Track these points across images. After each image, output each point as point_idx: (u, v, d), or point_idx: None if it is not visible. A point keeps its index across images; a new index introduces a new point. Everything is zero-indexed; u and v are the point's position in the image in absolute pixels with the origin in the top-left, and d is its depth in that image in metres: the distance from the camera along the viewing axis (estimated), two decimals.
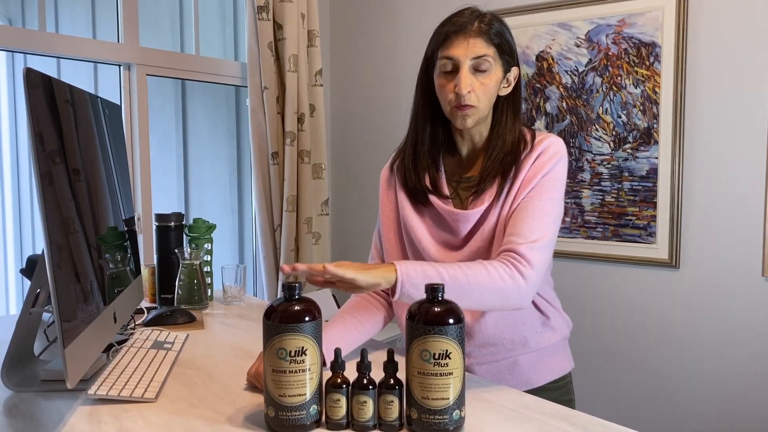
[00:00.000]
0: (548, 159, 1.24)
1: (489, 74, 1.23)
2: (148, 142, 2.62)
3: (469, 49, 1.21)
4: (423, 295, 1.05)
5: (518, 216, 1.20)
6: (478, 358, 1.30)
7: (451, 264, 1.13)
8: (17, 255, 3.43)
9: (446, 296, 1.09)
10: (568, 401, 1.35)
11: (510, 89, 1.29)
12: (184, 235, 1.92)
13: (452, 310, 0.96)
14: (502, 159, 1.26)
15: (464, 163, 1.34)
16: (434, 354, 0.94)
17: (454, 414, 0.96)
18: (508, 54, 1.26)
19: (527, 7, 2.53)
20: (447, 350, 0.94)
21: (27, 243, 3.42)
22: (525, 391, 1.24)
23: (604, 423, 1.02)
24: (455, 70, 1.22)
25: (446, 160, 1.35)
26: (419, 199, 1.32)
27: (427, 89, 1.31)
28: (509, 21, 2.61)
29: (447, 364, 0.94)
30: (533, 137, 1.28)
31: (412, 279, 1.08)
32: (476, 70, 1.22)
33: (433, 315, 0.95)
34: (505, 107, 1.29)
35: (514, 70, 1.29)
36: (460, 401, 0.96)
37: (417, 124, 1.33)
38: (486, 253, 1.26)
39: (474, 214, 1.26)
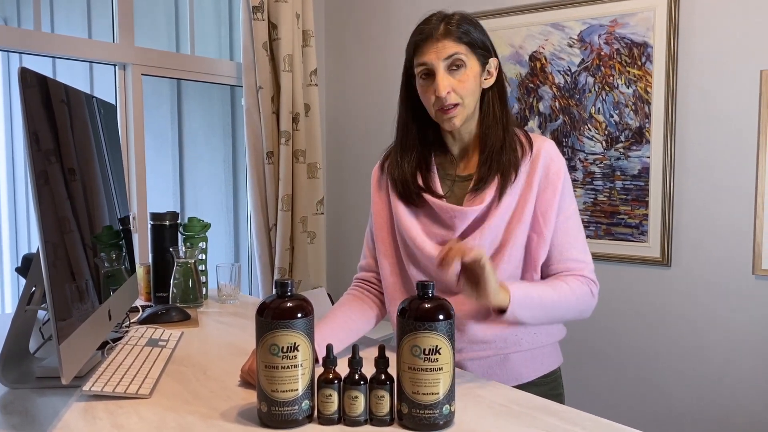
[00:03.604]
0: (557, 171, 1.28)
1: (465, 70, 1.24)
2: (144, 141, 2.63)
3: (439, 52, 1.23)
4: (531, 318, 1.23)
5: (565, 240, 1.29)
6: (470, 353, 1.31)
7: (546, 285, 1.25)
8: (12, 253, 3.43)
9: (540, 312, 1.23)
10: (557, 395, 1.37)
11: (493, 80, 1.30)
12: (179, 234, 1.93)
13: (442, 306, 0.97)
14: (499, 158, 1.27)
15: (457, 161, 1.35)
16: (424, 349, 0.96)
17: (444, 409, 0.97)
18: (480, 47, 1.26)
19: (520, 8, 2.54)
20: (437, 346, 0.96)
21: (22, 241, 3.43)
22: (515, 386, 1.26)
23: (594, 418, 1.04)
24: (432, 74, 1.24)
25: (438, 159, 1.36)
26: (413, 199, 1.33)
27: (411, 95, 1.33)
28: (502, 21, 2.63)
29: (437, 360, 0.96)
30: (529, 140, 1.30)
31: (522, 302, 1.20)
32: (451, 69, 1.23)
33: (424, 311, 0.96)
34: (491, 99, 1.31)
35: (493, 61, 1.29)
36: (450, 396, 0.98)
37: (405, 129, 1.36)
38: (486, 251, 1.27)
39: (472, 211, 1.27)
